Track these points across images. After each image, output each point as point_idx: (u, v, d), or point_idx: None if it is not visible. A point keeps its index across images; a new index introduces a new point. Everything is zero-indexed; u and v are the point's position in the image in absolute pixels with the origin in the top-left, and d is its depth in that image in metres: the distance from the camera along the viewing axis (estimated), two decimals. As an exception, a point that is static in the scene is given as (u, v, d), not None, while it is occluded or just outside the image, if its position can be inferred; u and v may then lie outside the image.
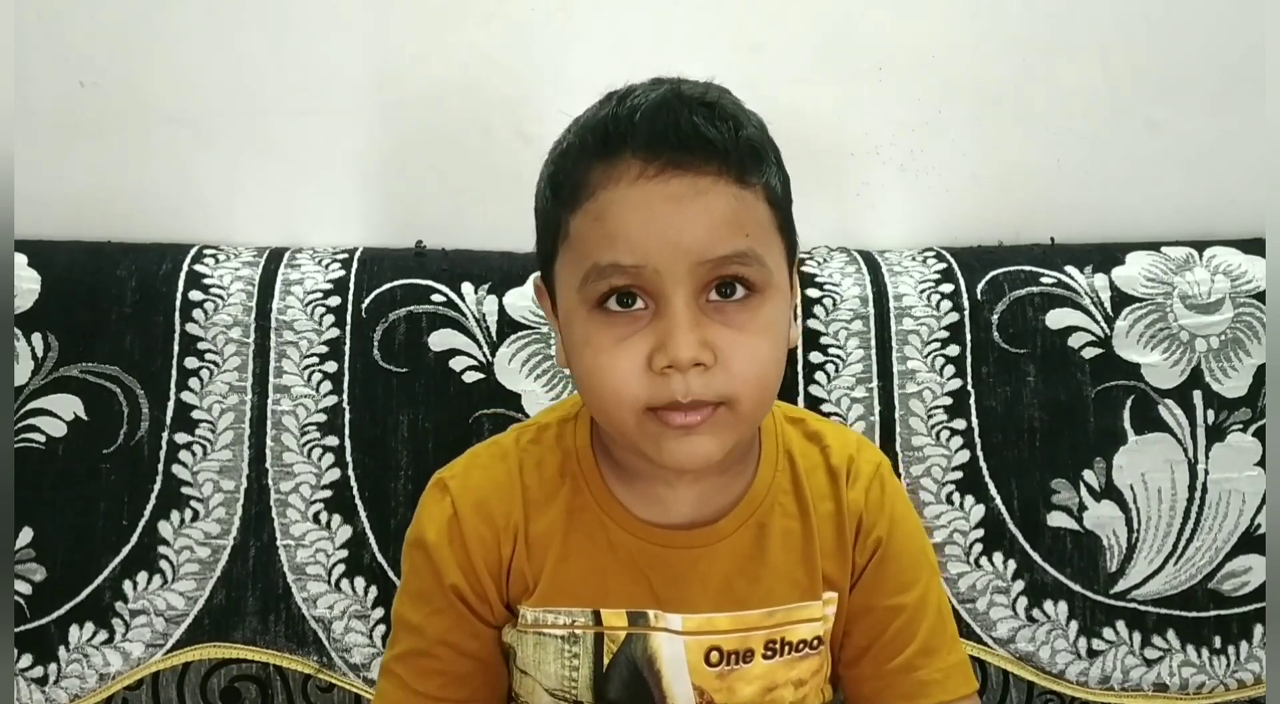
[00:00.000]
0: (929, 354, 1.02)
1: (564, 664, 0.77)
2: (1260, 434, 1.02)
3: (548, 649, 0.77)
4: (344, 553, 0.97)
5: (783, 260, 0.73)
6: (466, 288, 1.01)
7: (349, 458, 0.98)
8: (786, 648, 0.78)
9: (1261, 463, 1.02)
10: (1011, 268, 1.05)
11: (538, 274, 0.79)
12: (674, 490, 0.78)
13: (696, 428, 0.69)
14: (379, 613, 0.96)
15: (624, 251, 0.68)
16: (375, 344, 0.99)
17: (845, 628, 0.81)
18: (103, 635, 0.95)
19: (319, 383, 0.98)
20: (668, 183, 0.67)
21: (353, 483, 0.97)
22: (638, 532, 0.77)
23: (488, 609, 0.78)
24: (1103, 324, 1.03)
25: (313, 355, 0.99)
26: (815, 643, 0.79)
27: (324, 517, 0.97)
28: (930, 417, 1.01)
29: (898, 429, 1.01)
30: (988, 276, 1.04)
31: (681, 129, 0.68)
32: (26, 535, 0.95)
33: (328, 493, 0.97)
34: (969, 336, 1.02)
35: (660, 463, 0.71)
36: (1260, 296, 1.04)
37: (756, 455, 0.81)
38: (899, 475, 1.00)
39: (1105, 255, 1.07)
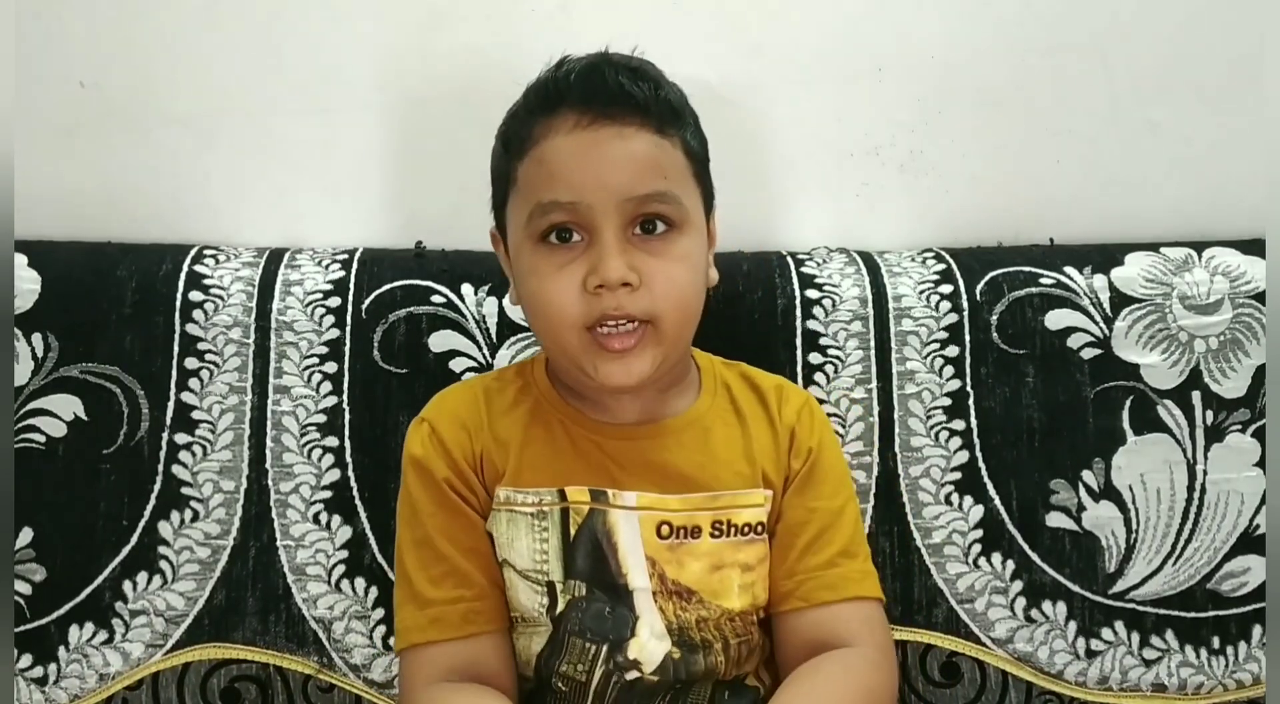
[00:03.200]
0: (928, 355, 1.02)
1: (535, 539, 0.85)
2: (1259, 434, 1.02)
3: (519, 527, 0.85)
4: (344, 553, 0.97)
5: (700, 205, 0.85)
6: (466, 289, 1.01)
7: (349, 458, 0.98)
8: (732, 529, 0.86)
9: (1260, 463, 1.02)
10: (1011, 268, 1.05)
11: (493, 225, 0.90)
12: (619, 403, 0.88)
13: (630, 348, 0.80)
14: (379, 613, 0.96)
15: (562, 190, 0.80)
16: (375, 345, 0.99)
17: (775, 528, 0.88)
18: (103, 636, 0.95)
19: (319, 383, 0.99)
20: (598, 132, 0.80)
21: (353, 483, 0.97)
22: (593, 428, 0.87)
23: (474, 497, 0.86)
24: (1102, 325, 1.03)
25: (313, 356, 0.99)
26: (759, 527, 0.87)
27: (324, 517, 0.97)
28: (929, 417, 1.01)
29: (897, 430, 1.01)
30: (987, 277, 1.05)
31: (609, 86, 0.81)
32: (26, 535, 0.95)
33: (328, 493, 0.97)
34: (968, 337, 1.02)
35: (599, 381, 0.81)
36: (1259, 297, 1.04)
37: (697, 385, 0.92)
38: (897, 477, 1.00)
39: (1104, 256, 1.07)
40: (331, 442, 0.98)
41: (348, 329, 0.99)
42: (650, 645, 0.84)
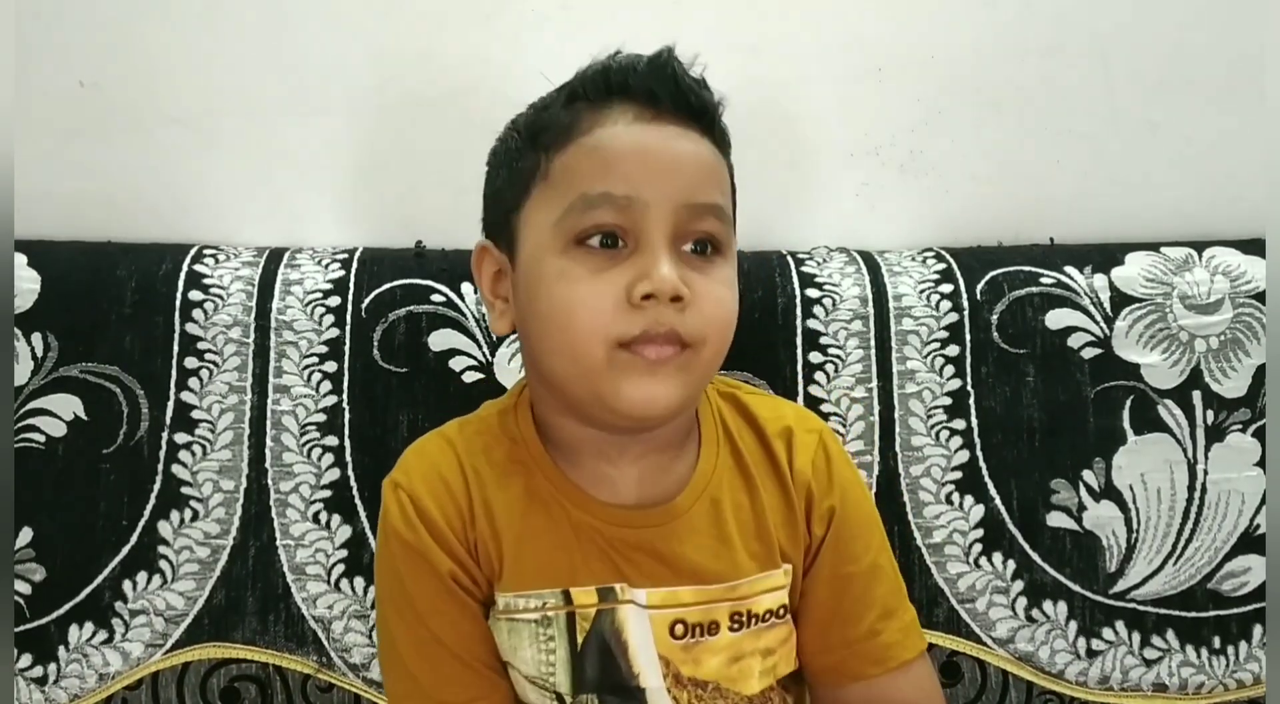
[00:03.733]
0: (928, 354, 1.02)
1: (539, 649, 0.77)
2: (1260, 434, 1.02)
3: (522, 635, 0.77)
4: (344, 553, 0.97)
5: (733, 233, 0.78)
6: (466, 288, 1.01)
7: (349, 458, 0.98)
8: (753, 620, 0.79)
9: (1261, 463, 1.02)
10: (1011, 268, 1.05)
11: (480, 239, 0.80)
12: (618, 469, 0.79)
13: (665, 364, 0.71)
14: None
15: (618, 180, 0.71)
16: (375, 344, 0.99)
17: (803, 600, 0.81)
18: (102, 635, 0.95)
19: (319, 383, 0.99)
20: (664, 127, 0.73)
21: (352, 483, 0.97)
22: (596, 512, 0.78)
23: (478, 588, 0.78)
24: (1102, 324, 1.03)
25: (312, 355, 0.99)
26: (781, 611, 0.80)
27: (324, 516, 0.97)
28: (930, 417, 1.01)
29: (897, 429, 1.01)
30: (987, 277, 1.05)
31: (681, 83, 0.73)
32: (26, 535, 0.95)
33: (327, 493, 0.97)
34: (968, 337, 1.02)
35: (615, 407, 0.71)
36: (1260, 297, 1.04)
37: (697, 438, 0.82)
38: (897, 476, 1.00)
39: (1105, 255, 1.07)
40: (331, 441, 0.98)
41: (347, 328, 0.99)
42: None
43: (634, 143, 0.72)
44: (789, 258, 1.07)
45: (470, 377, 0.99)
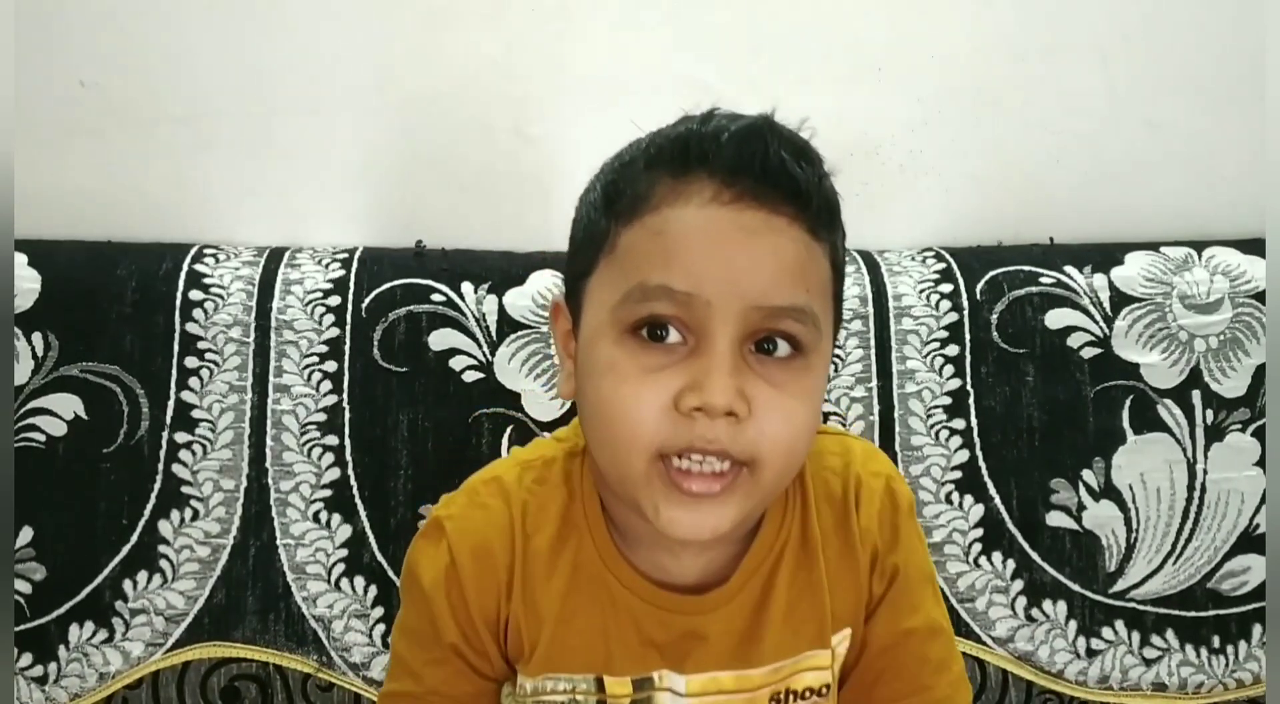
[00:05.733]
0: (928, 354, 1.02)
1: None
2: (1259, 434, 1.02)
3: None
4: (344, 552, 0.97)
5: (831, 328, 0.68)
6: (466, 287, 1.01)
7: (349, 457, 0.98)
8: (792, 697, 0.74)
9: (1260, 463, 1.02)
10: (1011, 268, 1.05)
11: (560, 293, 0.73)
12: (678, 561, 0.72)
13: (709, 495, 0.63)
14: (379, 612, 0.96)
15: (679, 274, 0.62)
16: (375, 343, 0.99)
17: (856, 659, 0.76)
18: (103, 635, 0.95)
19: (319, 382, 0.99)
20: (741, 212, 0.63)
21: (352, 482, 0.97)
22: (644, 594, 0.72)
23: (486, 664, 0.74)
24: (1102, 324, 1.03)
25: (313, 355, 0.99)
26: (824, 690, 0.75)
27: (324, 516, 0.97)
28: (929, 416, 1.01)
29: (897, 429, 1.01)
30: (987, 276, 1.05)
31: (769, 159, 0.63)
32: (26, 534, 0.95)
33: (327, 492, 0.97)
34: (968, 336, 1.02)
35: (657, 526, 0.64)
36: (1259, 296, 1.04)
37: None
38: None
39: (1104, 255, 1.07)
40: (331, 440, 0.98)
41: (348, 328, 0.99)
42: None
43: (703, 231, 0.62)
44: (789, 257, 1.06)
45: (470, 376, 0.99)
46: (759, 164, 0.63)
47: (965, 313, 1.03)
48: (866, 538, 0.75)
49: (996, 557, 1.00)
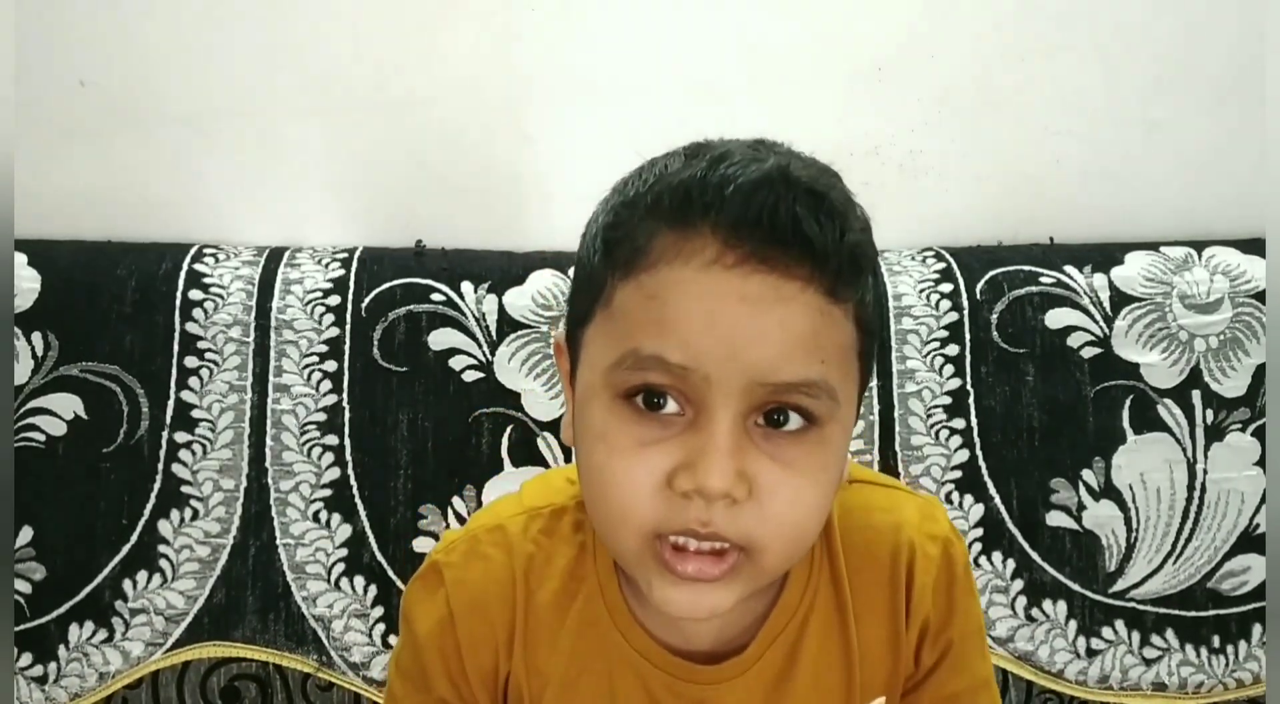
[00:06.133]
0: (928, 353, 1.02)
1: None
2: (1259, 434, 1.02)
3: None
4: (344, 552, 0.97)
5: (855, 391, 0.62)
6: (466, 287, 1.01)
7: (349, 457, 0.98)
8: None
9: (1260, 462, 1.02)
10: (1011, 267, 1.05)
11: (561, 332, 0.68)
12: (692, 624, 0.67)
13: (704, 579, 0.58)
14: (379, 612, 0.96)
15: (674, 347, 0.56)
16: (375, 343, 0.99)
17: None
18: (102, 634, 0.95)
19: (319, 382, 0.99)
20: (746, 279, 0.56)
21: (352, 482, 0.97)
22: (655, 659, 0.68)
23: None
24: (1102, 324, 1.03)
25: (312, 354, 0.99)
26: None
27: (324, 515, 0.97)
28: (929, 416, 1.01)
29: (897, 429, 1.01)
30: (987, 276, 1.04)
31: (779, 218, 0.56)
32: (26, 534, 0.95)
33: (327, 492, 0.97)
34: (968, 336, 1.02)
35: (655, 605, 0.60)
36: (1259, 296, 1.04)
37: None
38: (897, 475, 1.00)
39: (1104, 255, 1.07)
40: (331, 440, 0.98)
41: (347, 327, 0.99)
42: None
43: (702, 298, 0.56)
44: (789, 257, 1.06)
45: (470, 376, 0.99)
46: (768, 221, 0.56)
47: (965, 312, 1.03)
48: (919, 610, 0.69)
49: (996, 556, 1.00)
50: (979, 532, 1.00)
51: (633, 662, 0.68)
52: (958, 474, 1.00)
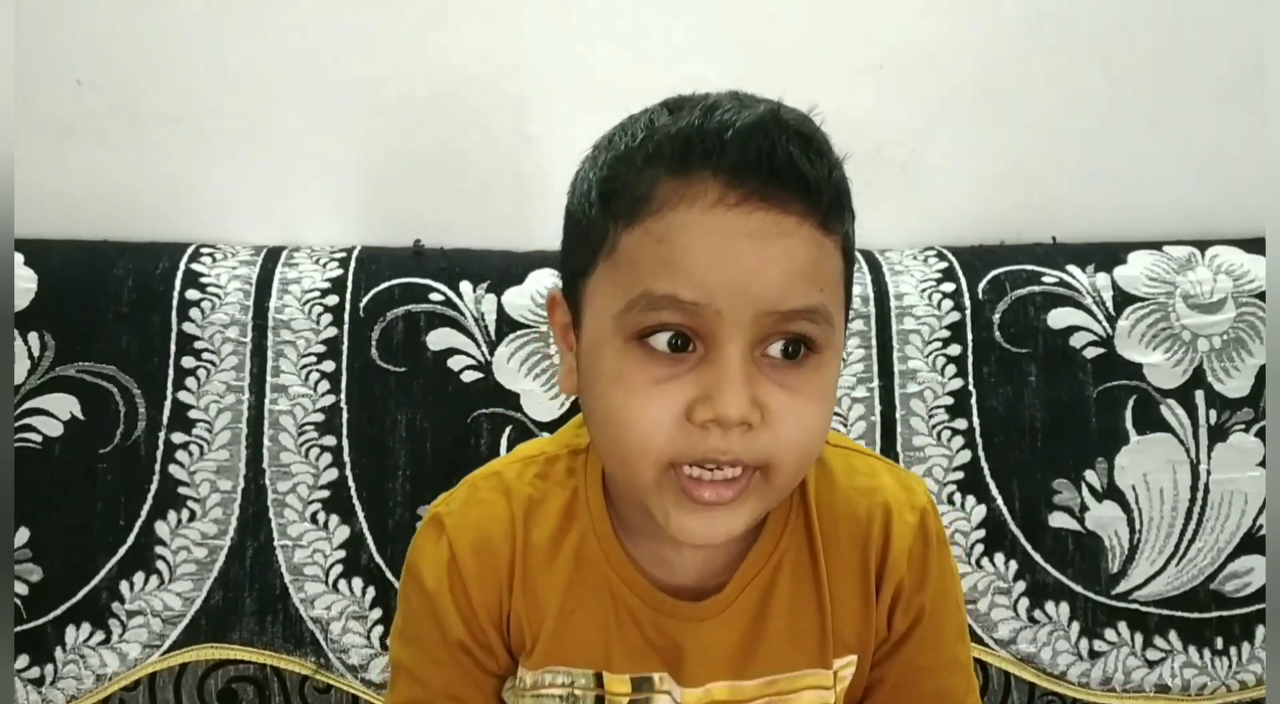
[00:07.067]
0: (930, 354, 1.02)
1: None
2: (1262, 434, 1.02)
3: None
4: (341, 553, 0.96)
5: (842, 319, 0.66)
6: (465, 287, 1.01)
7: (347, 458, 0.97)
8: None
9: (1264, 463, 1.01)
10: (1013, 267, 1.05)
11: (555, 285, 0.71)
12: (680, 555, 0.72)
13: (724, 504, 0.63)
14: (377, 613, 0.96)
15: (686, 285, 0.60)
16: (373, 343, 0.99)
17: (868, 690, 0.76)
18: (99, 636, 0.95)
19: (316, 382, 0.98)
20: (749, 215, 0.60)
21: (350, 483, 0.97)
22: (645, 595, 0.72)
23: (492, 659, 0.74)
24: (1104, 324, 1.02)
25: (310, 354, 0.98)
26: None
27: (321, 517, 0.97)
28: (931, 416, 1.01)
29: (899, 429, 1.00)
30: (989, 276, 1.04)
31: (777, 157, 0.60)
32: (23, 535, 0.95)
33: (325, 493, 0.97)
34: (970, 336, 1.02)
35: (667, 530, 0.64)
36: (1263, 296, 1.03)
37: None
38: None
39: (1107, 255, 1.06)
40: (329, 441, 0.97)
41: (345, 327, 0.99)
42: None
43: (709, 237, 0.60)
44: (789, 257, 1.06)
45: (469, 376, 0.99)
46: (766, 162, 0.60)
47: (967, 312, 1.02)
48: (891, 573, 0.73)
49: (999, 558, 0.99)
50: (981, 533, 0.99)
51: (624, 596, 0.72)
52: (960, 475, 1.00)
